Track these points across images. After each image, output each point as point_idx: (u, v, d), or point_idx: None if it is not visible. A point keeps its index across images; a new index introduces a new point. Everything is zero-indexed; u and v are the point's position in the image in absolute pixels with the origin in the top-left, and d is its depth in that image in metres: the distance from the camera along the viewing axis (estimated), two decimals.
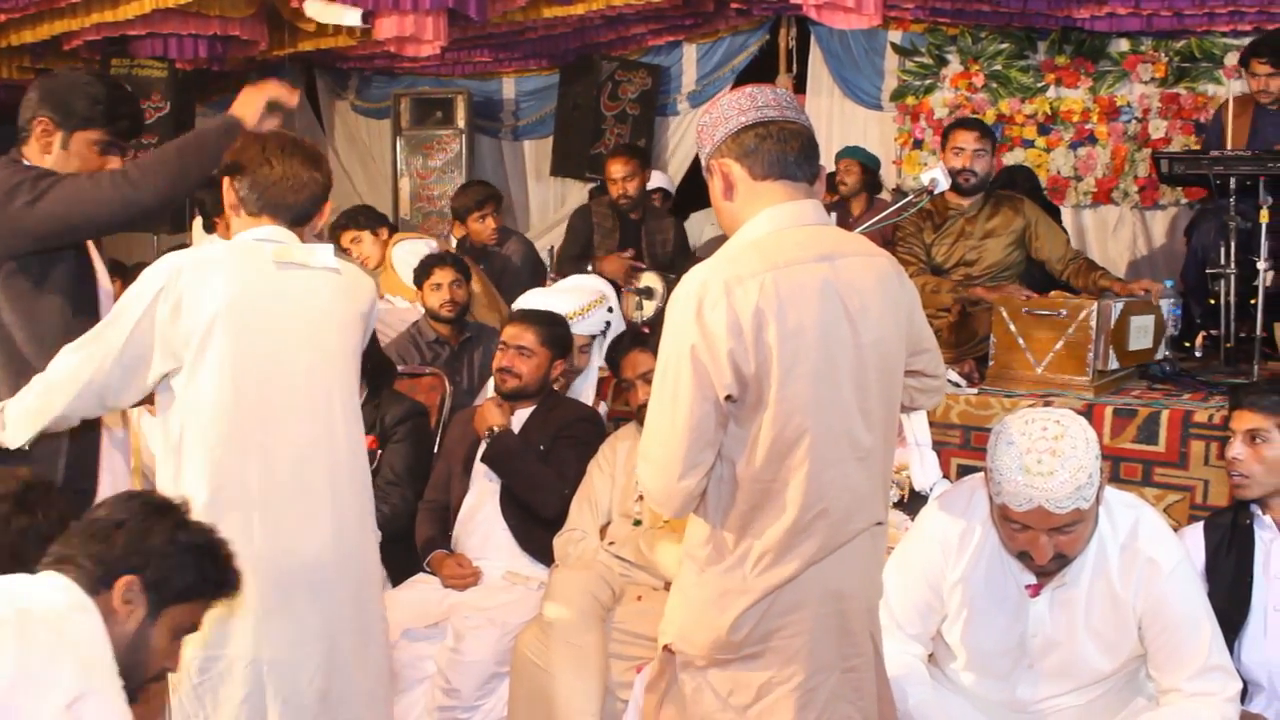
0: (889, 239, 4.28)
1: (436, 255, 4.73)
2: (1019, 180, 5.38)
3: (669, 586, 2.32)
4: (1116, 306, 3.65)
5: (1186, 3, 5.70)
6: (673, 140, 7.48)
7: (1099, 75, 6.21)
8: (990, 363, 3.83)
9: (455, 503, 3.72)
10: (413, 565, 3.71)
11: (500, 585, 3.56)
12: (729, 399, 1.95)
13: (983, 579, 2.43)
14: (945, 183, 3.30)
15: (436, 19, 5.45)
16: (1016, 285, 4.14)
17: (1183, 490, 3.37)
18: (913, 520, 2.74)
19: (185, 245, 2.87)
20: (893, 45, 6.70)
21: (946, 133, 4.36)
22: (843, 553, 2.02)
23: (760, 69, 7.01)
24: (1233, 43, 5.85)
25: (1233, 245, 3.94)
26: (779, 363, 1.93)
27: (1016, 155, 6.27)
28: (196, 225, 4.97)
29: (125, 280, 3.03)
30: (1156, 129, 6.06)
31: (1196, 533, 2.75)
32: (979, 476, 2.46)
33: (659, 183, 6.38)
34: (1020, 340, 3.74)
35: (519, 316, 3.82)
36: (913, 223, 4.25)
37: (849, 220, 5.60)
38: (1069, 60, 6.24)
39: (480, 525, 3.66)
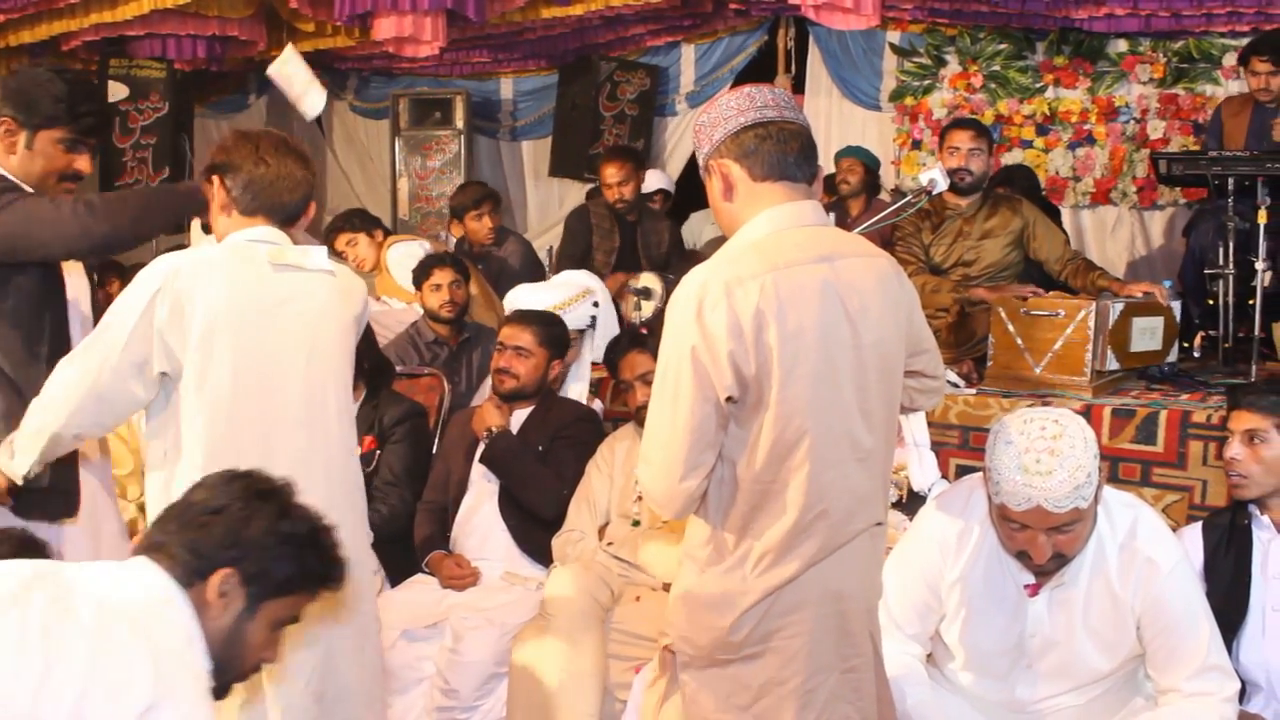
0: (888, 239, 4.27)
1: (436, 256, 4.71)
2: (1017, 180, 5.38)
3: (668, 587, 2.32)
4: (1115, 307, 3.65)
5: (1184, 3, 5.71)
6: (671, 141, 7.48)
7: (1097, 76, 6.22)
8: (989, 363, 3.83)
9: (454, 503, 3.72)
10: (411, 566, 3.71)
11: (499, 586, 3.56)
12: (729, 400, 1.95)
13: (981, 579, 2.42)
14: (944, 183, 3.31)
15: (435, 19, 5.46)
16: (1019, 284, 4.13)
17: (1181, 490, 3.37)
18: (911, 520, 2.74)
19: (184, 246, 2.84)
20: (891, 46, 6.71)
21: (943, 133, 4.36)
22: (843, 553, 2.02)
23: (759, 69, 7.00)
24: (1231, 43, 5.86)
25: (1231, 245, 3.95)
26: (779, 364, 1.93)
27: (1015, 156, 6.28)
28: (195, 225, 4.94)
29: (124, 280, 3.02)
30: (1155, 129, 6.08)
31: (1195, 533, 2.74)
32: (977, 476, 2.46)
33: (659, 183, 6.38)
34: (1019, 341, 3.74)
35: (516, 317, 3.81)
36: (911, 223, 4.25)
37: (848, 221, 5.59)
38: (1067, 61, 6.25)
39: (479, 526, 3.65)
